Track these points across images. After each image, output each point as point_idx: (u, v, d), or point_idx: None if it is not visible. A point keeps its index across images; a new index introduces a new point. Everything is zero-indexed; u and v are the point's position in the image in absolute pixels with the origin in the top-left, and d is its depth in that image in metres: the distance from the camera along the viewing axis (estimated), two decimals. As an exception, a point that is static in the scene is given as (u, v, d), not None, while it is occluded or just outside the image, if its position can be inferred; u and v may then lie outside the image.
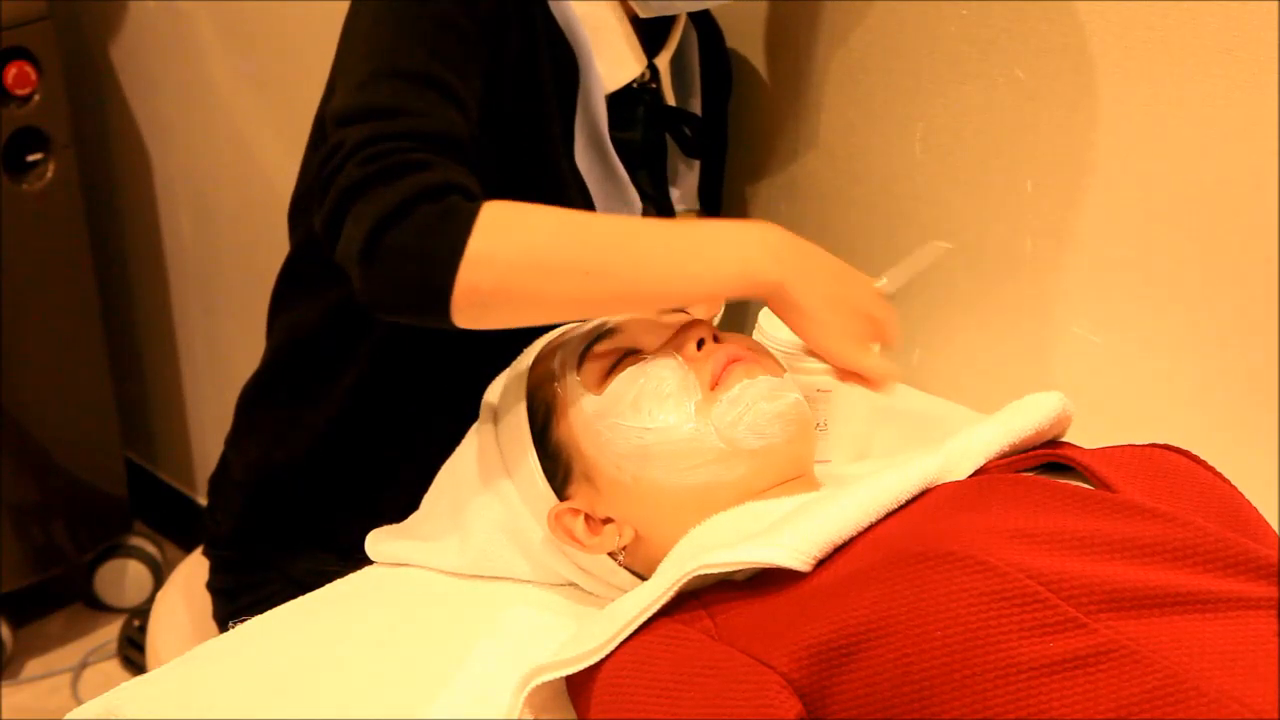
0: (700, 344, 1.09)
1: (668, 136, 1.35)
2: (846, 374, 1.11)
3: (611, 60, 1.25)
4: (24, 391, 2.16)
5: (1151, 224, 1.28)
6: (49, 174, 2.10)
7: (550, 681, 0.95)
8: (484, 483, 1.13)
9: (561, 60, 1.21)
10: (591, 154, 1.25)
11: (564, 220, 1.04)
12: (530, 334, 1.19)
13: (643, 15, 1.26)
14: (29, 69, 2.03)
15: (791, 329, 1.10)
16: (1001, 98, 1.34)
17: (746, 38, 1.52)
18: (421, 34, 1.08)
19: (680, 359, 1.08)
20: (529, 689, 0.94)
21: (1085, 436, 1.10)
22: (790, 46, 1.50)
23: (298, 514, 1.33)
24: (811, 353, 1.14)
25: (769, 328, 1.29)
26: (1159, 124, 1.25)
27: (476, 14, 1.11)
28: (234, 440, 1.40)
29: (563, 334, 1.16)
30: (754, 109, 1.55)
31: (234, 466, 1.38)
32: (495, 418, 1.14)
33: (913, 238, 1.45)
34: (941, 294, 1.45)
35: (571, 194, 1.23)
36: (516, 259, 0.99)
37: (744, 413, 1.06)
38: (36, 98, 2.06)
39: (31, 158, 2.08)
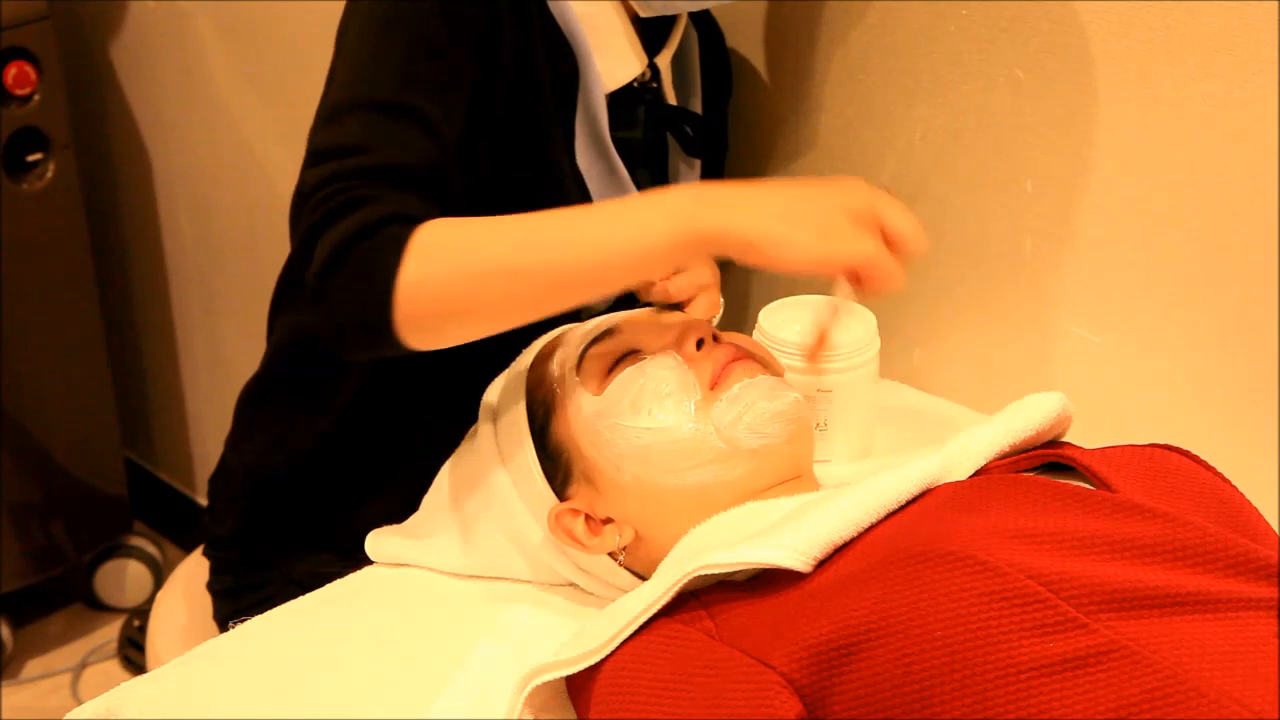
0: (700, 344, 1.09)
1: (668, 136, 1.35)
2: (851, 276, 1.01)
3: (612, 59, 1.25)
4: (24, 391, 2.16)
5: (1151, 224, 1.28)
6: (49, 174, 2.10)
7: (550, 681, 0.95)
8: (484, 483, 1.13)
9: (561, 60, 1.21)
10: (592, 153, 1.25)
11: (492, 227, 1.03)
12: (529, 334, 1.19)
13: (643, 15, 1.26)
14: (29, 69, 2.03)
15: (763, 266, 1.01)
16: (1001, 98, 1.34)
17: (746, 38, 1.52)
18: (397, 59, 1.09)
19: (680, 359, 1.08)
20: (529, 689, 0.94)
21: (1085, 436, 1.10)
22: (790, 46, 1.50)
23: (298, 515, 1.33)
24: (813, 356, 1.11)
25: (769, 328, 1.29)
26: (1159, 124, 1.25)
27: (461, 30, 1.11)
28: (234, 441, 1.40)
29: (562, 334, 1.16)
30: (754, 109, 1.55)
31: (234, 467, 1.38)
32: (495, 418, 1.14)
33: (913, 238, 1.45)
34: (942, 294, 1.45)
35: (571, 193, 1.23)
36: (447, 277, 1.00)
37: (744, 412, 1.06)
38: (36, 98, 2.06)
39: (31, 158, 2.08)
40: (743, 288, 1.60)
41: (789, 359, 1.25)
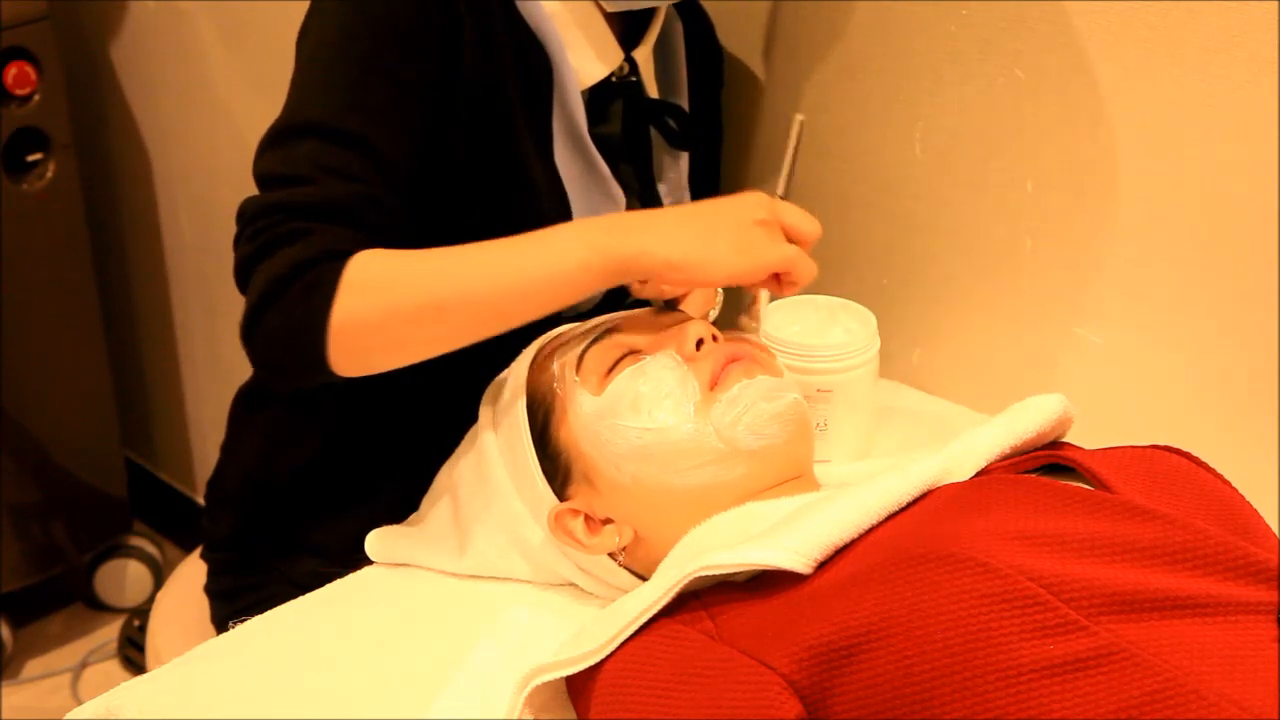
0: (699, 344, 1.09)
1: (652, 129, 1.34)
2: (769, 283, 1.10)
3: (585, 55, 1.25)
4: (24, 391, 2.16)
5: (1151, 224, 1.28)
6: (49, 174, 2.10)
7: (550, 682, 0.95)
8: (483, 484, 1.13)
9: (532, 60, 1.20)
10: (571, 152, 1.24)
11: (418, 262, 1.05)
12: (527, 336, 1.19)
13: (609, 9, 1.25)
14: (29, 69, 2.03)
15: (688, 286, 1.10)
16: (1001, 98, 1.34)
17: (746, 37, 1.52)
18: (346, 82, 1.11)
19: (679, 359, 1.08)
20: (529, 689, 0.94)
21: (1086, 436, 1.10)
22: (790, 46, 1.49)
23: (295, 518, 1.32)
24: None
25: (769, 327, 1.29)
26: (1159, 123, 1.25)
27: (413, 46, 1.11)
28: (229, 446, 1.40)
29: (562, 334, 1.16)
30: (753, 108, 1.55)
31: (230, 471, 1.38)
32: (494, 419, 1.14)
33: (913, 237, 1.45)
34: (942, 294, 1.45)
35: (544, 195, 1.22)
36: (376, 313, 1.03)
37: (743, 413, 1.06)
38: (36, 98, 2.06)
39: (31, 158, 2.08)
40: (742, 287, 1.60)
41: (789, 359, 1.25)
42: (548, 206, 1.22)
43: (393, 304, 1.04)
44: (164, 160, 2.28)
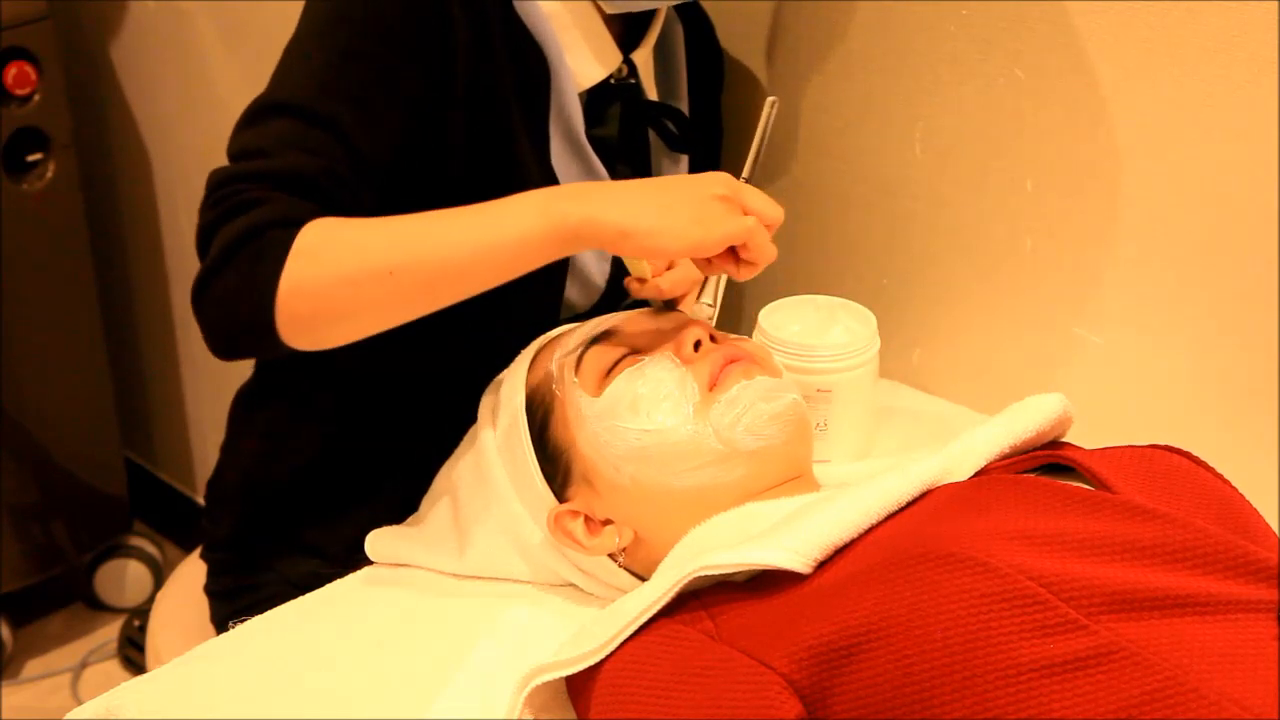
0: (698, 345, 1.09)
1: (650, 132, 1.34)
2: (725, 258, 1.08)
3: (583, 57, 1.24)
4: (24, 391, 2.16)
5: (1151, 224, 1.28)
6: (49, 174, 2.10)
7: (550, 682, 0.95)
8: (483, 485, 1.13)
9: (529, 62, 1.20)
10: (568, 154, 1.24)
11: (370, 228, 1.04)
12: (526, 337, 1.18)
13: (609, 11, 1.24)
14: (29, 69, 2.03)
15: (643, 256, 1.08)
16: (1001, 98, 1.34)
17: (746, 37, 1.52)
18: (323, 65, 1.11)
19: (678, 360, 1.08)
20: (529, 689, 0.94)
21: (1086, 436, 1.10)
22: (789, 45, 1.49)
23: (295, 519, 1.32)
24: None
25: (768, 328, 1.29)
26: (1159, 123, 1.25)
27: (398, 39, 1.11)
28: (229, 447, 1.40)
29: (561, 335, 1.16)
30: (753, 109, 1.54)
31: (229, 473, 1.38)
32: (494, 420, 1.14)
33: (913, 238, 1.45)
34: (942, 294, 1.45)
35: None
36: (325, 280, 1.02)
37: (742, 414, 1.06)
38: (36, 98, 2.06)
39: (31, 158, 2.08)
40: (742, 287, 1.60)
41: (789, 359, 1.25)
42: None
43: (342, 269, 1.02)
44: (164, 160, 2.28)
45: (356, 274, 1.02)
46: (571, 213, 1.03)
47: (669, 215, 1.04)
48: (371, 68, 1.11)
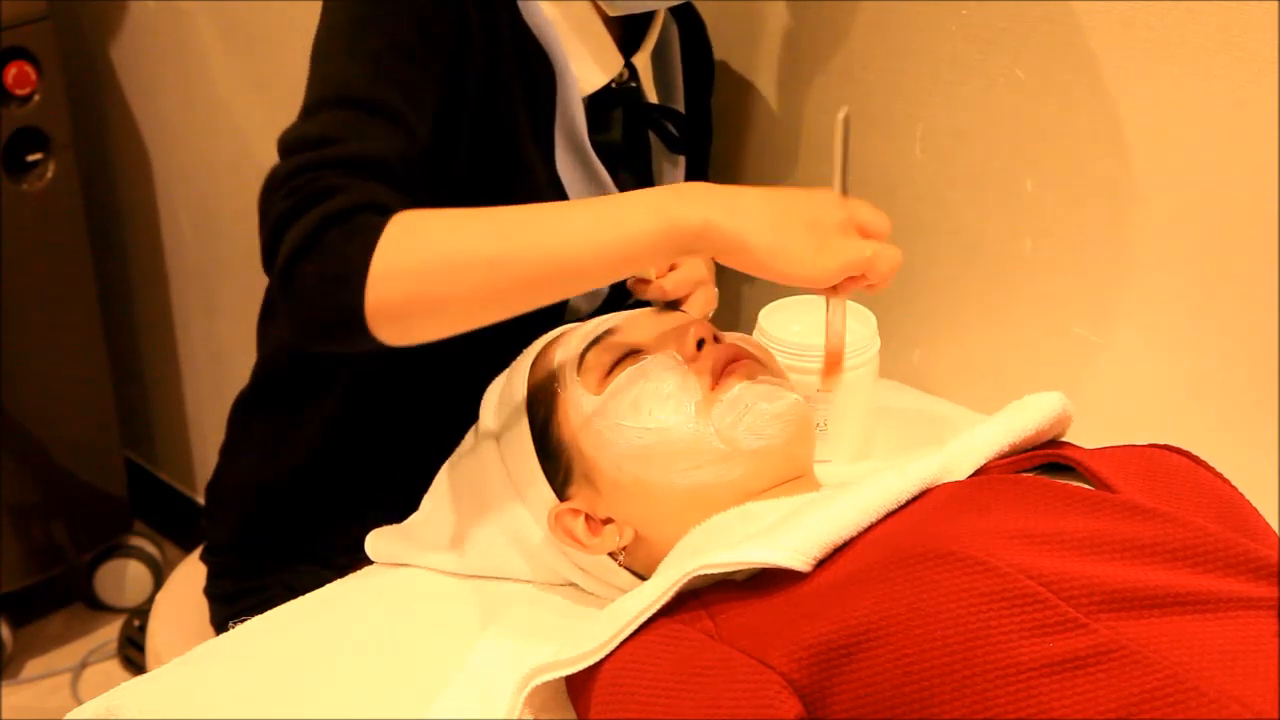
0: (700, 344, 1.09)
1: (651, 135, 1.34)
2: (845, 285, 1.03)
3: (587, 62, 1.24)
4: (24, 391, 2.16)
5: (1151, 224, 1.28)
6: (49, 174, 2.10)
7: (550, 681, 0.95)
8: (483, 484, 1.13)
9: (535, 67, 1.20)
10: (572, 159, 1.24)
11: (468, 216, 1.00)
12: (525, 337, 1.18)
13: (611, 14, 1.24)
14: (29, 69, 2.03)
15: (755, 273, 1.01)
16: (1001, 98, 1.34)
17: (746, 37, 1.52)
18: (368, 56, 1.08)
19: (680, 359, 1.08)
20: (529, 689, 0.94)
21: (1085, 436, 1.10)
22: (790, 46, 1.49)
23: (294, 526, 1.32)
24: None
25: (769, 328, 1.29)
26: (1159, 124, 1.25)
27: (430, 32, 1.10)
28: (227, 451, 1.40)
29: (562, 334, 1.16)
30: (753, 109, 1.55)
31: (228, 477, 1.38)
32: (495, 419, 1.14)
33: (913, 238, 1.45)
34: (942, 294, 1.45)
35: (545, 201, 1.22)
36: (421, 265, 0.97)
37: (744, 413, 1.06)
38: (36, 98, 2.06)
39: (31, 158, 2.08)
40: (742, 288, 1.60)
41: (789, 359, 1.25)
42: None
43: (440, 254, 0.97)
44: (164, 160, 2.28)
45: (455, 261, 0.97)
46: (691, 215, 0.98)
47: (787, 236, 0.99)
48: (414, 57, 1.09)
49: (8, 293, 2.08)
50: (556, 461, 1.09)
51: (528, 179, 1.20)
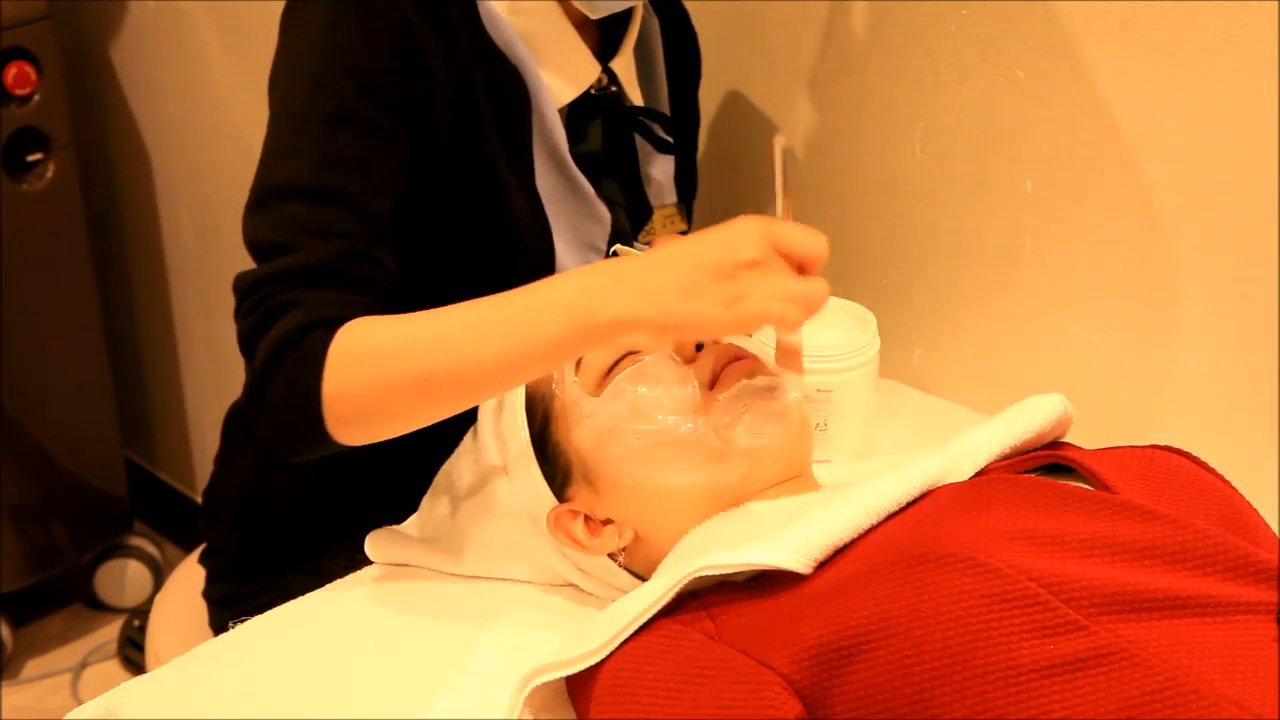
0: (699, 344, 1.09)
1: (637, 137, 1.32)
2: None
3: (561, 73, 1.23)
4: (24, 391, 2.16)
5: (1151, 224, 1.28)
6: (49, 174, 2.10)
7: (550, 682, 0.95)
8: (483, 485, 1.13)
9: (506, 86, 1.19)
10: (554, 174, 1.23)
11: (403, 332, 1.03)
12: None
13: (593, 16, 1.22)
14: (29, 69, 2.03)
15: (676, 342, 1.05)
16: (1001, 98, 1.34)
17: (745, 37, 1.52)
18: (317, 136, 1.09)
19: (678, 359, 1.08)
20: (529, 689, 0.94)
21: (1085, 436, 1.10)
22: (790, 45, 1.49)
23: (291, 532, 1.32)
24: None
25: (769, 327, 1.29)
26: (1159, 124, 1.25)
27: (380, 97, 1.10)
28: (223, 458, 1.39)
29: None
30: (752, 110, 1.55)
31: (224, 486, 1.38)
32: (494, 420, 1.14)
33: (913, 238, 1.45)
34: (941, 294, 1.45)
35: (525, 228, 1.21)
36: (365, 388, 1.02)
37: (742, 413, 1.06)
38: (36, 98, 2.06)
39: (31, 158, 2.08)
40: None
41: (789, 359, 1.25)
42: (529, 236, 1.21)
43: (380, 379, 1.02)
44: (164, 160, 2.28)
45: (394, 383, 1.01)
46: (600, 314, 0.97)
47: (697, 299, 0.95)
48: (363, 126, 1.10)
49: (8, 293, 2.08)
50: (555, 462, 1.09)
51: (505, 206, 1.20)
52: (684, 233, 1.36)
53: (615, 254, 1.23)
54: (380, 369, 1.02)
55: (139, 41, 2.22)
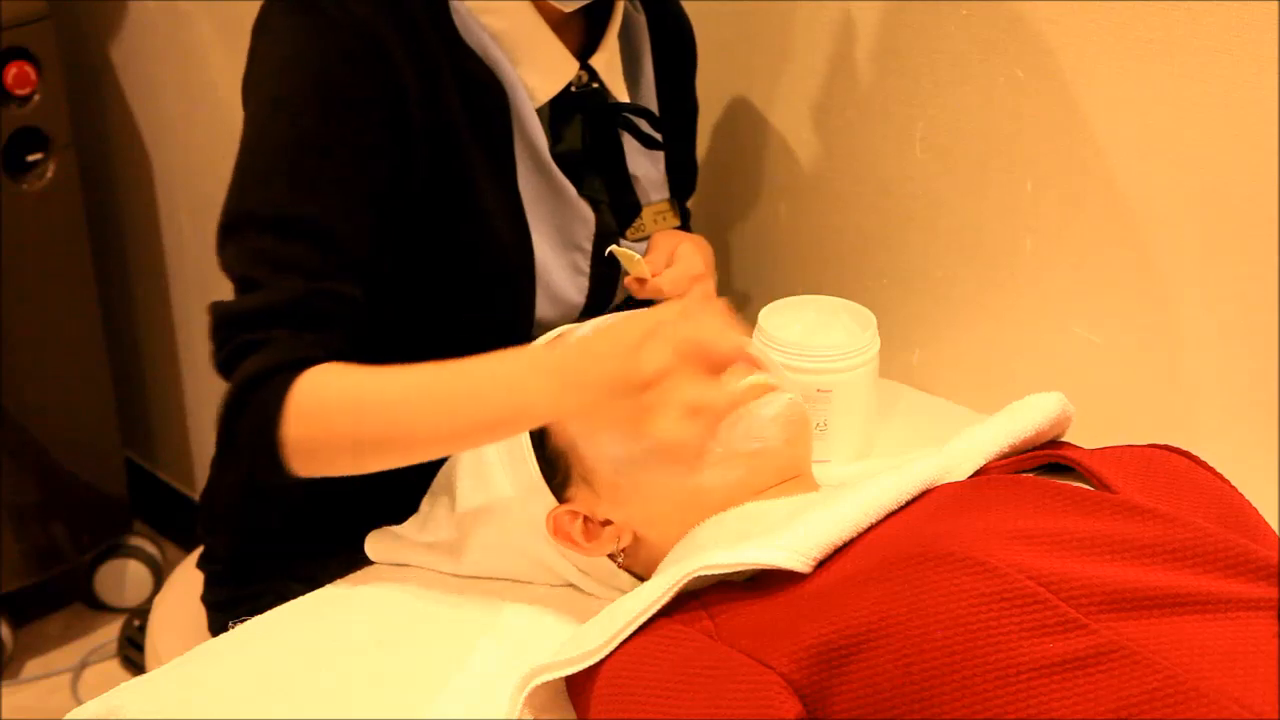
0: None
1: (622, 134, 1.31)
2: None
3: (538, 72, 1.22)
4: (24, 391, 2.16)
5: (1151, 224, 1.28)
6: (49, 174, 2.10)
7: (550, 681, 0.95)
8: (482, 485, 1.13)
9: (484, 91, 1.19)
10: (536, 176, 1.22)
11: (355, 392, 1.06)
12: (521, 340, 1.18)
13: (566, 10, 1.21)
14: (29, 69, 2.03)
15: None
16: (1001, 98, 1.34)
17: (744, 37, 1.52)
18: (287, 166, 1.11)
19: (679, 359, 1.08)
20: (529, 689, 0.94)
21: (1085, 436, 1.10)
22: (790, 46, 1.49)
23: (287, 536, 1.32)
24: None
25: (769, 327, 1.29)
26: (1159, 124, 1.25)
27: (352, 118, 1.10)
28: (220, 464, 1.39)
29: (562, 335, 1.16)
30: (751, 110, 1.55)
31: (219, 490, 1.38)
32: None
33: (913, 238, 1.45)
34: (941, 294, 1.45)
35: (504, 237, 1.21)
36: (320, 439, 1.06)
37: (742, 415, 1.06)
38: (36, 98, 2.05)
39: (31, 158, 2.08)
40: (743, 288, 1.60)
41: (789, 359, 1.25)
42: (507, 239, 1.21)
43: (334, 432, 1.05)
44: (164, 160, 2.28)
45: (349, 440, 1.06)
46: (536, 408, 1.02)
47: (614, 405, 0.98)
48: (332, 152, 1.11)
49: (8, 293, 2.08)
50: (554, 464, 1.09)
51: (481, 210, 1.19)
52: (678, 228, 1.36)
53: (610, 255, 1.23)
54: (333, 423, 1.06)
55: (139, 41, 2.22)
